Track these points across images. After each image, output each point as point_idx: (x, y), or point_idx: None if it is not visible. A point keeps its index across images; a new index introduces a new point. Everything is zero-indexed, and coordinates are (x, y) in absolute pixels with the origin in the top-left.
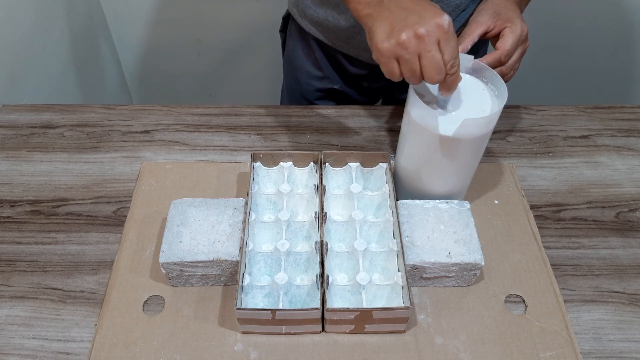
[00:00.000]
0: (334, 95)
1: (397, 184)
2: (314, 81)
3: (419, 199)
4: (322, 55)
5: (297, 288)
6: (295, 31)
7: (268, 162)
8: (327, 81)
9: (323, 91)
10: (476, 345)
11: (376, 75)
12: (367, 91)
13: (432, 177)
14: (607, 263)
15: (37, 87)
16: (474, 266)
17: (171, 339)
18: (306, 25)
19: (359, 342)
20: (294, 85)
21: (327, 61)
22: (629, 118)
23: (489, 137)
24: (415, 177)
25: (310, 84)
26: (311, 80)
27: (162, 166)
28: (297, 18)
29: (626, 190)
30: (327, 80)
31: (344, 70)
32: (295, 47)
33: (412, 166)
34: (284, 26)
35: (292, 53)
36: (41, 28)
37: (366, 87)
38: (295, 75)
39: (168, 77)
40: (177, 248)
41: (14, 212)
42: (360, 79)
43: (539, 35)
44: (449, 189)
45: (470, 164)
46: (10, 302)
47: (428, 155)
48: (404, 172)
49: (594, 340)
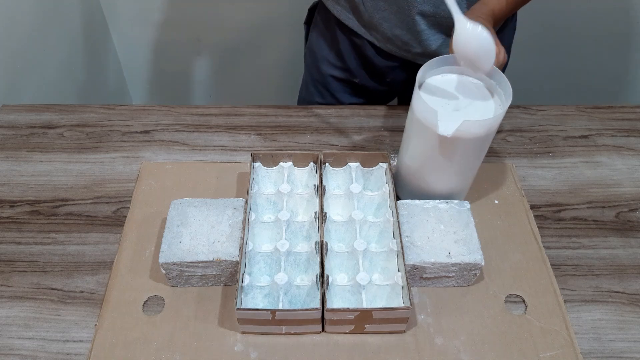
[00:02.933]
0: (353, 88)
1: (400, 181)
2: (335, 71)
3: (421, 197)
4: (347, 45)
5: (297, 288)
6: (322, 22)
7: (268, 162)
8: (348, 73)
9: (343, 82)
10: (476, 345)
11: (400, 67)
12: (388, 85)
13: (432, 175)
14: (607, 263)
15: (37, 87)
16: (474, 266)
17: (171, 339)
18: (339, 11)
19: (359, 342)
20: (316, 75)
21: (352, 52)
22: (629, 118)
23: (491, 139)
24: (417, 176)
25: (331, 75)
26: (333, 71)
27: (161, 166)
28: (328, 4)
29: (626, 190)
30: (348, 72)
31: (369, 62)
32: (318, 38)
33: (414, 164)
34: (309, 18)
35: (315, 44)
36: (41, 28)
37: (388, 81)
38: (316, 65)
39: (168, 77)
40: (177, 248)
41: (14, 213)
42: (383, 71)
43: (539, 35)
44: (450, 187)
45: (471, 164)
46: (10, 303)
47: (429, 154)
48: (407, 170)
49: (594, 340)
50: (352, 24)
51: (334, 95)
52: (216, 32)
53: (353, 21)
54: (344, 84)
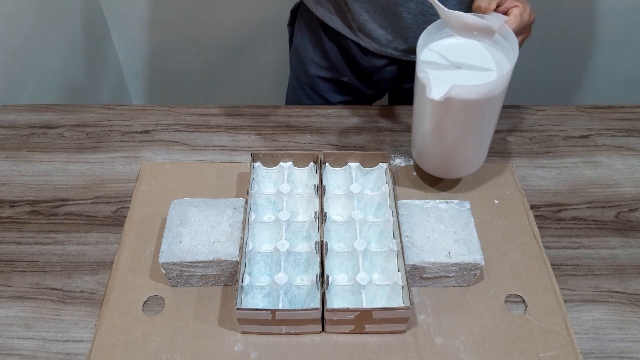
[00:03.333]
0: (341, 86)
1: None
2: (322, 71)
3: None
4: (332, 46)
5: (297, 288)
6: (305, 24)
7: (268, 162)
8: (335, 72)
9: (331, 82)
10: (476, 345)
11: (386, 67)
12: (375, 84)
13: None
14: (607, 263)
15: (37, 87)
16: (474, 266)
17: (171, 339)
18: (321, 12)
19: (359, 342)
20: (302, 77)
21: (337, 53)
22: (629, 118)
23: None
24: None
25: (318, 76)
26: (319, 71)
27: (161, 166)
28: (311, 6)
29: (626, 190)
30: (335, 71)
31: (355, 61)
32: (303, 39)
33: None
34: (292, 20)
35: (300, 45)
36: (41, 28)
37: (375, 80)
38: (303, 67)
39: (168, 77)
40: (177, 248)
41: (14, 213)
42: (370, 70)
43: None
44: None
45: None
46: (10, 303)
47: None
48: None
49: (594, 340)
50: (335, 25)
51: (321, 96)
52: (216, 32)
53: (337, 22)
54: (332, 83)
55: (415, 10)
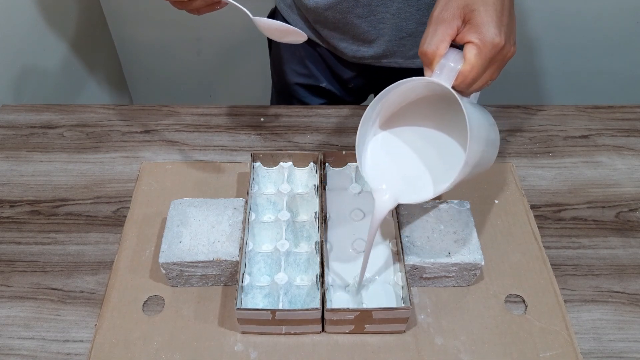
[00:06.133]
0: (321, 92)
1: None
2: (300, 78)
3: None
4: (309, 53)
5: (297, 288)
6: None
7: (268, 162)
8: (314, 79)
9: (310, 88)
10: (476, 345)
11: (361, 76)
12: (352, 91)
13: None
14: (607, 263)
15: (36, 87)
16: (474, 266)
17: (171, 339)
18: (294, 20)
19: (359, 342)
20: (282, 82)
21: (314, 60)
22: (629, 118)
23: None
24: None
25: (296, 82)
26: (297, 78)
27: (162, 166)
28: (285, 14)
29: (626, 190)
30: (313, 78)
31: (330, 70)
32: (281, 47)
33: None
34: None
35: (278, 54)
36: (41, 28)
37: (351, 87)
38: (281, 73)
39: (168, 77)
40: (177, 248)
41: (14, 213)
42: (344, 78)
43: (540, 35)
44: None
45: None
46: (10, 303)
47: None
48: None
49: (594, 340)
50: (308, 34)
51: (302, 102)
52: (216, 32)
53: (309, 32)
54: (311, 90)
55: (364, 13)
